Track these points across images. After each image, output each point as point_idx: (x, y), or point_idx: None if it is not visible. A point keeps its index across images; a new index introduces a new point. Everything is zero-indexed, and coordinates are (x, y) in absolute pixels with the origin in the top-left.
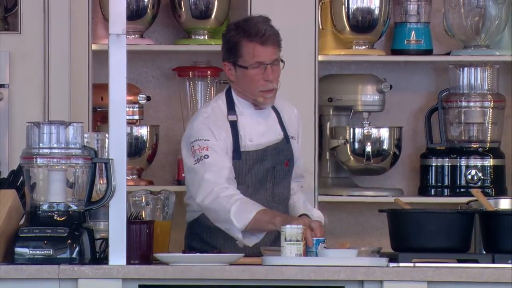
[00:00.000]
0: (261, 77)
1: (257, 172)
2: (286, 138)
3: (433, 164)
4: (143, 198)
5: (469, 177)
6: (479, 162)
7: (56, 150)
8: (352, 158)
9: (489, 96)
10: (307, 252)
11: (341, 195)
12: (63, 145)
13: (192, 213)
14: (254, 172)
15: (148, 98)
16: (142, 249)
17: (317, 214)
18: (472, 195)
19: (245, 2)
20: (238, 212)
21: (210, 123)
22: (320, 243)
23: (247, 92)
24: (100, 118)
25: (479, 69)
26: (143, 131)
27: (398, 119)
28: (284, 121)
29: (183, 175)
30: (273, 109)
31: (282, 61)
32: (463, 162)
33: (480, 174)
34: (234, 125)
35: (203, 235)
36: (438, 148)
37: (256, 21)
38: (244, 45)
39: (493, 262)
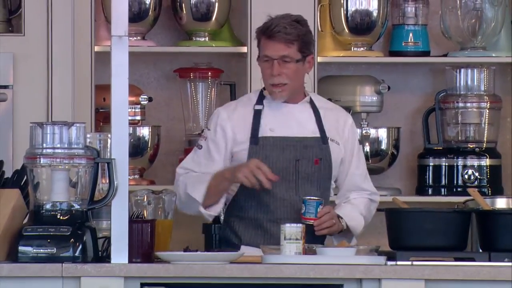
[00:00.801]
0: (269, 71)
1: (276, 160)
2: (323, 138)
3: (431, 164)
4: (145, 198)
5: (466, 176)
6: (475, 162)
7: (59, 150)
8: None
9: (485, 97)
10: (306, 213)
11: None
12: (66, 145)
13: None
14: (273, 160)
15: (150, 99)
16: (144, 247)
17: (355, 223)
18: (469, 195)
19: (245, 4)
20: (192, 186)
21: (220, 114)
22: (320, 205)
23: (264, 85)
24: (102, 119)
25: (475, 70)
26: (145, 132)
27: (396, 120)
28: (325, 122)
29: None
30: (312, 108)
31: (300, 60)
32: (460, 162)
33: (476, 174)
34: (258, 114)
35: (233, 224)
36: (436, 148)
37: (274, 18)
38: (260, 40)
39: (490, 260)
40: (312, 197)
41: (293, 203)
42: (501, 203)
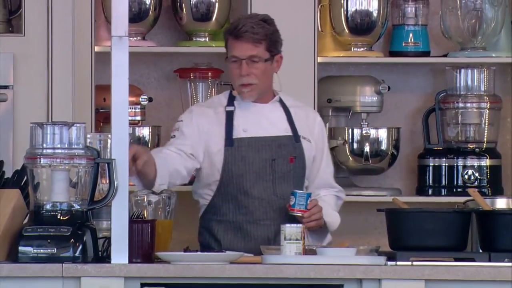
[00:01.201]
0: (238, 72)
1: (252, 161)
2: (296, 136)
3: (431, 164)
4: (145, 198)
5: (466, 177)
6: (475, 162)
7: (59, 151)
8: (350, 158)
9: (485, 97)
10: (296, 205)
11: None
12: (66, 146)
13: (201, 205)
14: (249, 161)
15: (150, 99)
16: (144, 248)
17: (332, 219)
18: (469, 195)
19: (245, 5)
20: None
21: (194, 109)
22: (309, 197)
23: (233, 86)
24: (102, 119)
25: (475, 70)
26: (145, 132)
27: (396, 120)
28: (296, 121)
29: None
30: (283, 107)
31: (268, 59)
32: (460, 162)
33: (476, 174)
34: (230, 115)
35: (212, 228)
36: (436, 148)
37: (241, 18)
38: (227, 40)
39: (490, 260)
40: (301, 190)
41: (271, 203)
42: (501, 203)
